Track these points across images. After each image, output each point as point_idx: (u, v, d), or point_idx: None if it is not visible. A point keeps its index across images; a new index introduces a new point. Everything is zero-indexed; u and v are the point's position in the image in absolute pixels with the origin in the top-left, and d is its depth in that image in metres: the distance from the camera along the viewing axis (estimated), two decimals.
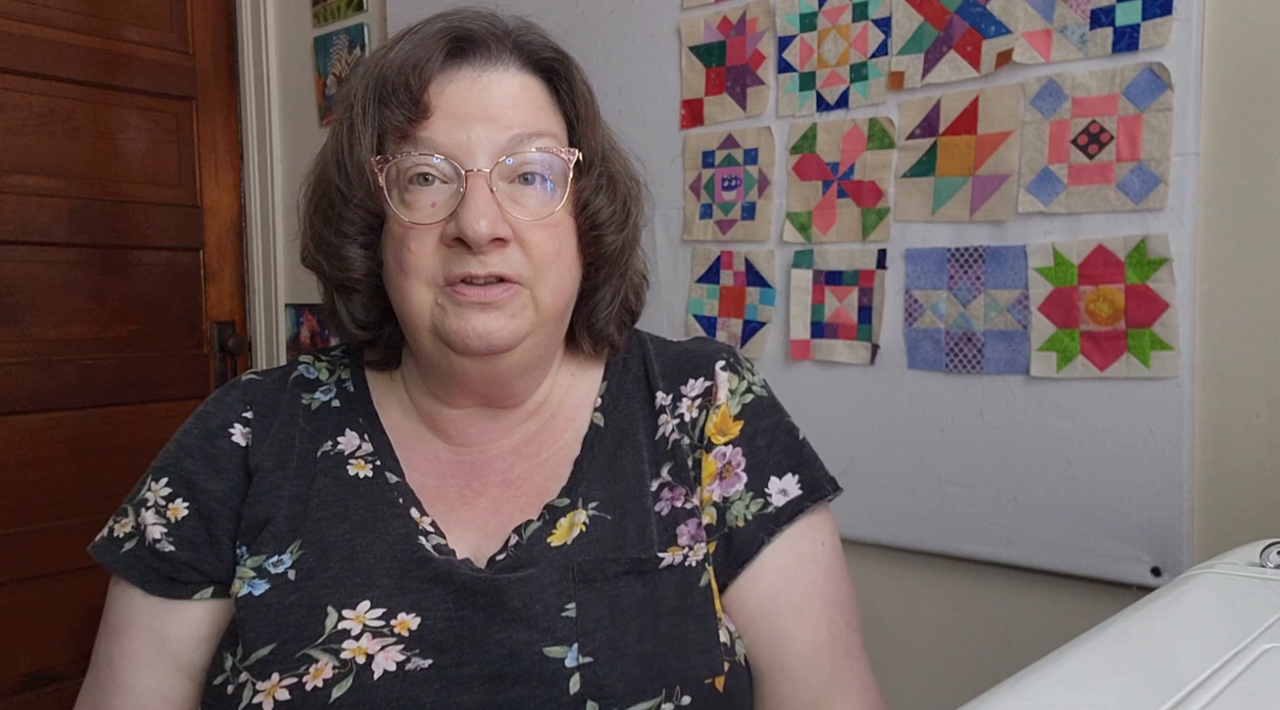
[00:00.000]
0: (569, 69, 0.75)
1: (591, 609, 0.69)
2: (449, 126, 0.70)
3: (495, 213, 0.68)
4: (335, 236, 0.74)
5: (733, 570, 0.75)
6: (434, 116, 0.70)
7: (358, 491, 0.75)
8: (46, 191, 1.92)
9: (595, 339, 0.80)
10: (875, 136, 1.26)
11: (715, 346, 0.83)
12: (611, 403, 0.80)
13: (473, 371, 0.73)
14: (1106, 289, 1.08)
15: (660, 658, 0.68)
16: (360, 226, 0.73)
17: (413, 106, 0.70)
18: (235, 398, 0.80)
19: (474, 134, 0.69)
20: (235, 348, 2.20)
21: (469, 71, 0.72)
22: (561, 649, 0.67)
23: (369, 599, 0.69)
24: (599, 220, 0.75)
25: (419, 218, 0.69)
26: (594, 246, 0.76)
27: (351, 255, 0.74)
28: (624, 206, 0.77)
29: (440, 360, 0.73)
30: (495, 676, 0.66)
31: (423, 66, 0.70)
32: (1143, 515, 1.07)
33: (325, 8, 2.08)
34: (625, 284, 0.80)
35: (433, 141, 0.70)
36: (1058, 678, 0.49)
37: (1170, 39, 1.03)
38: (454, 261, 0.69)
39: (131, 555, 0.75)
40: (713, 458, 0.77)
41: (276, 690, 0.66)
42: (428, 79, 0.70)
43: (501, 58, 0.73)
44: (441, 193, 0.70)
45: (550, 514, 0.74)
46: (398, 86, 0.70)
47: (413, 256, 0.70)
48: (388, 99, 0.70)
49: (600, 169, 0.75)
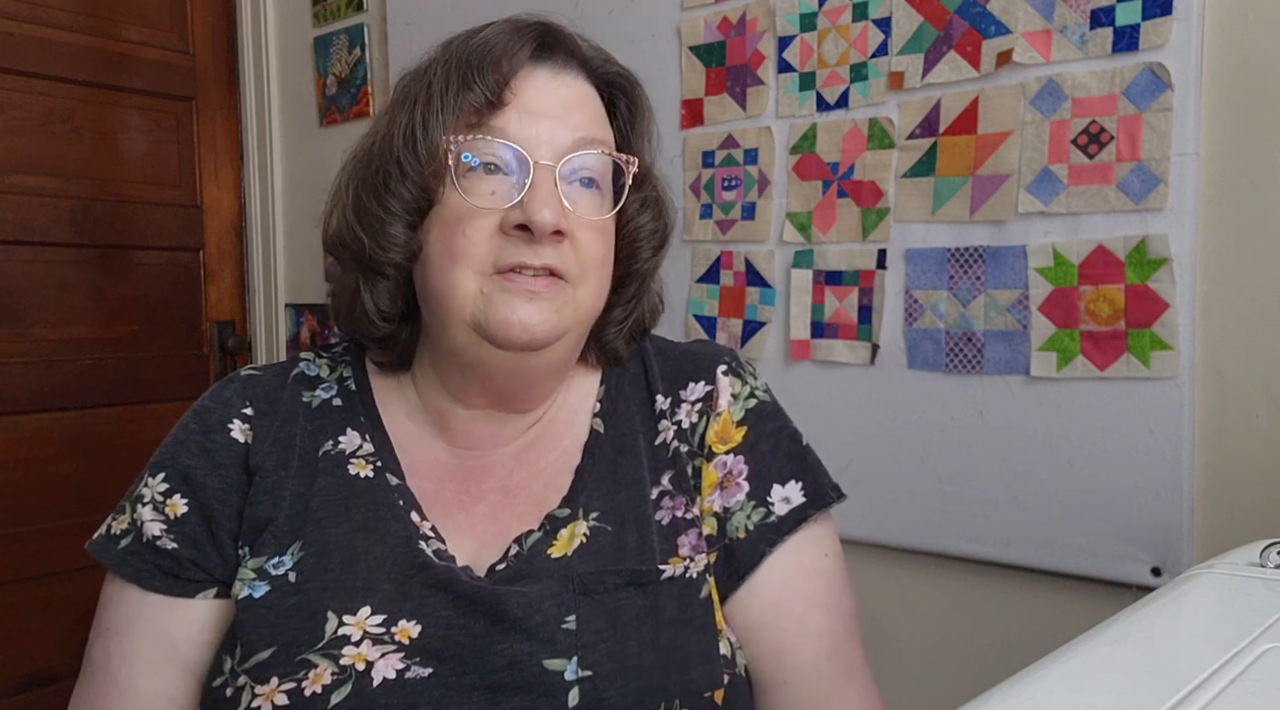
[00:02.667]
0: (634, 87, 0.79)
1: (591, 621, 0.69)
2: (521, 119, 0.71)
3: (559, 205, 0.69)
4: (383, 211, 0.73)
5: (734, 581, 0.75)
6: (509, 107, 0.72)
7: (359, 491, 0.74)
8: (46, 191, 1.92)
9: (602, 351, 0.81)
10: (875, 136, 1.26)
11: (717, 350, 0.83)
12: (610, 407, 0.80)
13: (501, 368, 0.73)
14: (1106, 289, 1.08)
15: (660, 671, 0.68)
16: (409, 205, 0.73)
17: (496, 92, 0.71)
18: (233, 393, 0.79)
19: (542, 130, 0.71)
20: (235, 348, 2.20)
21: (545, 71, 0.74)
22: (561, 661, 0.67)
23: (369, 605, 0.69)
24: (640, 236, 0.77)
25: (481, 202, 0.70)
26: (629, 261, 0.78)
27: (395, 232, 0.73)
28: (665, 228, 0.80)
29: (469, 354, 0.72)
30: (495, 687, 0.66)
31: (515, 54, 0.72)
32: (1143, 515, 1.07)
33: (325, 8, 2.08)
34: (642, 304, 0.82)
35: (505, 131, 0.71)
36: (1058, 678, 0.49)
37: (1170, 39, 1.03)
38: (509, 249, 0.69)
39: (128, 551, 0.74)
40: (713, 467, 0.77)
41: (275, 694, 0.66)
42: (518, 67, 0.72)
43: (572, 64, 0.75)
44: (502, 183, 0.70)
45: (551, 525, 0.74)
46: (485, 69, 0.71)
47: (467, 241, 0.70)
48: (471, 81, 0.71)
49: (649, 186, 0.79)
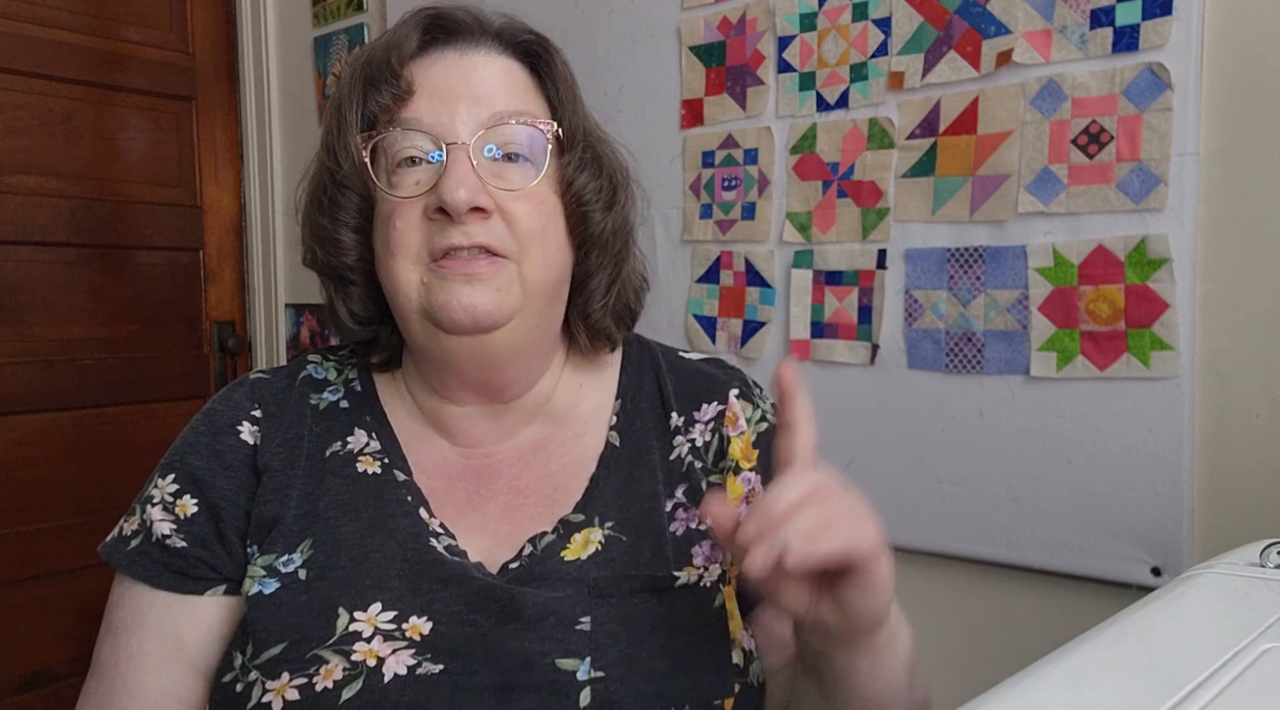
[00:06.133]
0: (548, 51, 0.78)
1: (606, 624, 0.69)
2: (433, 105, 0.72)
3: (475, 182, 0.69)
4: (329, 221, 0.76)
5: (759, 592, 0.77)
6: (418, 96, 0.72)
7: (367, 488, 0.75)
8: (46, 191, 1.92)
9: (591, 332, 0.80)
10: (875, 136, 1.26)
11: (728, 372, 0.84)
12: (626, 422, 0.81)
13: (463, 354, 0.73)
14: (1106, 289, 1.08)
15: (672, 676, 0.69)
16: (352, 211, 0.75)
17: (395, 84, 0.72)
18: (243, 395, 0.80)
19: (457, 112, 0.71)
20: (235, 348, 2.20)
21: (452, 54, 0.74)
22: (574, 661, 0.67)
23: (380, 601, 0.69)
24: (584, 198, 0.76)
25: (405, 193, 0.71)
26: (582, 226, 0.76)
27: (344, 239, 0.76)
28: (610, 184, 0.78)
29: (432, 345, 0.73)
30: (506, 685, 0.66)
31: (400, 46, 0.73)
32: (1143, 515, 1.07)
33: (325, 8, 2.08)
34: (621, 278, 0.81)
35: (417, 120, 0.71)
36: (1058, 678, 0.49)
37: (1170, 39, 1.03)
38: (437, 234, 0.70)
39: (137, 551, 0.74)
40: (739, 481, 0.78)
41: (286, 690, 0.66)
42: (406, 57, 0.73)
43: (484, 41, 0.75)
44: (427, 172, 0.71)
45: (564, 528, 0.74)
46: (380, 67, 0.72)
47: (398, 233, 0.71)
48: (373, 81, 0.73)
49: (583, 146, 0.77)
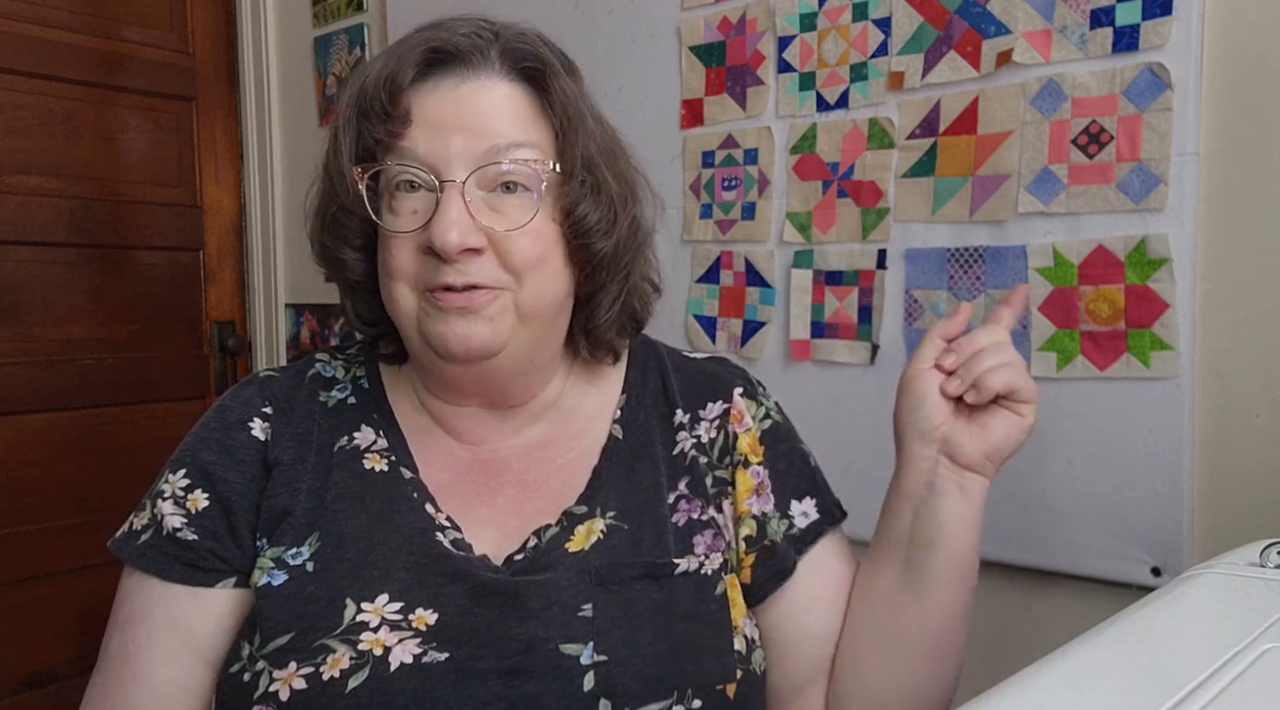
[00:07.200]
0: (549, 78, 0.74)
1: (607, 610, 0.70)
2: (428, 137, 0.71)
3: (467, 222, 0.69)
4: (333, 242, 0.77)
5: (774, 582, 0.78)
6: (414, 127, 0.71)
7: (374, 485, 0.76)
8: (46, 191, 1.92)
9: (593, 344, 0.80)
10: (875, 136, 1.26)
11: (732, 370, 0.86)
12: (630, 416, 0.82)
13: (462, 375, 0.75)
14: (1106, 289, 1.08)
15: (673, 660, 0.70)
16: (355, 231, 0.76)
17: (388, 118, 0.71)
18: (253, 392, 0.81)
19: (452, 144, 0.70)
20: (235, 348, 2.20)
21: (449, 82, 0.72)
22: (577, 646, 0.68)
23: (387, 592, 0.71)
24: (584, 227, 0.74)
25: (400, 226, 0.71)
26: (583, 252, 0.76)
27: (347, 258, 0.77)
28: (610, 211, 0.76)
29: (432, 364, 0.75)
30: (511, 671, 0.67)
31: (395, 78, 0.71)
32: (1143, 515, 1.07)
33: (325, 8, 2.08)
34: (628, 289, 0.80)
35: (413, 152, 0.71)
36: (1058, 678, 0.49)
37: (1170, 39, 1.03)
38: (432, 269, 0.70)
39: (148, 545, 0.75)
40: (749, 474, 0.80)
41: (293, 679, 0.67)
42: (399, 91, 0.71)
43: (482, 68, 0.73)
44: (424, 200, 0.71)
45: (569, 521, 0.76)
46: (375, 98, 0.71)
47: (396, 261, 0.72)
48: (367, 111, 0.72)
49: (584, 176, 0.75)
